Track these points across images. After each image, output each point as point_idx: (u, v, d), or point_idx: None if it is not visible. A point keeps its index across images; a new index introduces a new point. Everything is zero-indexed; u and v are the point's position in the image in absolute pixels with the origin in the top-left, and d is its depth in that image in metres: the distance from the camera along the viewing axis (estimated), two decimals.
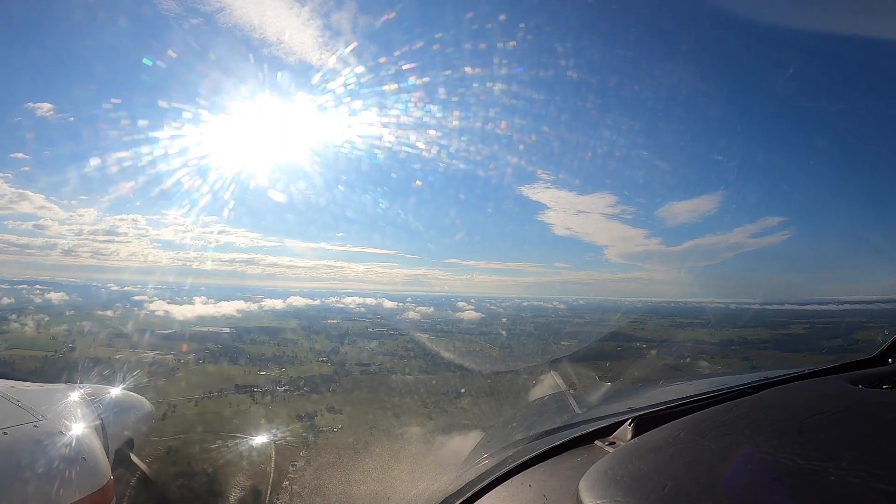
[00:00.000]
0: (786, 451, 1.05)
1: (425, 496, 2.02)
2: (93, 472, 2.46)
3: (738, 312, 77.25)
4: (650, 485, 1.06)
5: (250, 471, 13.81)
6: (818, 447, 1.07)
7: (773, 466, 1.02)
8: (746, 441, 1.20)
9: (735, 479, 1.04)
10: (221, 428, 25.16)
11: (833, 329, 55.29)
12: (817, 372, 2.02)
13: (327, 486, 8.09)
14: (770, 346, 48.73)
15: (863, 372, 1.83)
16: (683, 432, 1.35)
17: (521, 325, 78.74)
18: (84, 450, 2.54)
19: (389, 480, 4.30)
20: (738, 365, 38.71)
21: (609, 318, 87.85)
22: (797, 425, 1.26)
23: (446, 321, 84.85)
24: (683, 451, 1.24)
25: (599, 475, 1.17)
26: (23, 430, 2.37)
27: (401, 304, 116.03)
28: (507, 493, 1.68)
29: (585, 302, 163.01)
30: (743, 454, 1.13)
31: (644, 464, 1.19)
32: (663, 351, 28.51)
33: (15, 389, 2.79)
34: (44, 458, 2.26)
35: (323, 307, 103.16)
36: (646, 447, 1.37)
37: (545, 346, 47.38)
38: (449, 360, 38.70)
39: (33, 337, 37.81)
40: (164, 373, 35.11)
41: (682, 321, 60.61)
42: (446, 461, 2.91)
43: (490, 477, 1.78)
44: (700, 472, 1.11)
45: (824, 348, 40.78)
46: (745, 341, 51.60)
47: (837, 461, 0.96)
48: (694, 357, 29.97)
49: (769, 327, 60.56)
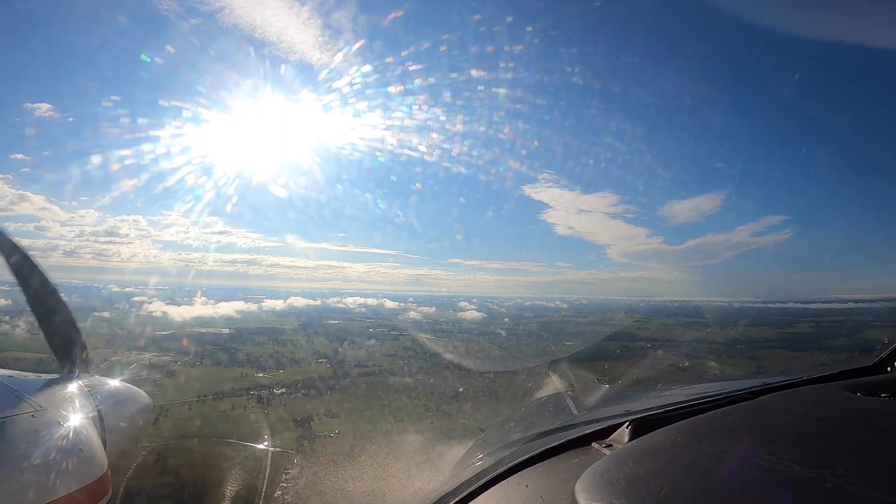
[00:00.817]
0: (783, 457, 1.06)
1: (421, 495, 2.04)
2: (89, 462, 2.53)
3: (742, 311, 77.48)
4: (646, 488, 1.07)
5: (241, 479, 13.70)
6: (816, 454, 1.08)
7: (769, 472, 1.03)
8: (743, 446, 1.21)
9: (731, 484, 1.05)
10: (214, 433, 24.79)
11: (839, 328, 55.31)
12: (816, 379, 2.04)
13: (321, 496, 8.06)
14: (776, 345, 48.76)
15: (862, 380, 1.85)
16: (681, 436, 1.37)
17: (524, 325, 78.76)
18: (81, 440, 2.60)
19: (385, 490, 4.30)
20: (745, 365, 38.52)
21: (612, 317, 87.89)
22: (795, 432, 1.27)
23: (448, 321, 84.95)
24: (680, 455, 1.25)
25: (596, 477, 1.19)
26: (20, 419, 2.43)
27: (402, 305, 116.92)
28: (503, 493, 1.69)
29: (588, 301, 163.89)
30: (740, 459, 1.14)
31: (640, 467, 1.20)
32: (668, 351, 28.45)
33: (13, 380, 2.85)
34: (41, 448, 2.32)
35: (324, 307, 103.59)
36: (643, 450, 1.38)
37: (548, 346, 47.33)
38: (450, 361, 38.67)
39: (25, 339, 37.83)
40: (160, 375, 34.99)
41: (686, 320, 60.62)
42: (445, 466, 2.92)
43: (486, 476, 1.80)
44: (696, 476, 1.12)
45: (831, 347, 40.74)
46: (750, 340, 51.63)
47: (835, 469, 0.97)
48: (700, 357, 29.99)
49: (774, 326, 60.58)
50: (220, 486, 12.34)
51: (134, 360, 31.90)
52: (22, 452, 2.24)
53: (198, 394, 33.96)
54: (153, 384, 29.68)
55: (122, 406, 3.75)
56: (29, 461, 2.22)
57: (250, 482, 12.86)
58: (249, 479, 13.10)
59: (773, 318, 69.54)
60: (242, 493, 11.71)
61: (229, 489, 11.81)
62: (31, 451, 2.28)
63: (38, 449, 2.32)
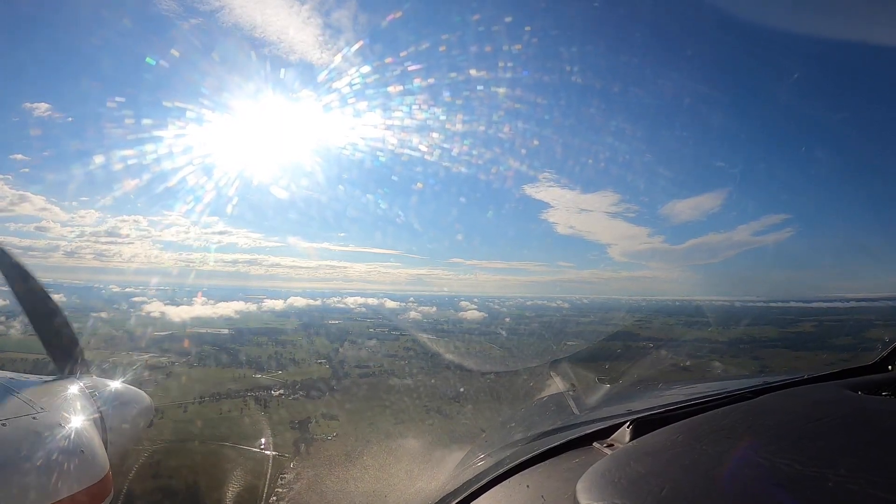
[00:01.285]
0: (784, 456, 1.07)
1: (422, 495, 2.05)
2: (91, 464, 2.56)
3: (744, 310, 77.41)
4: (647, 487, 1.08)
5: (237, 484, 13.67)
6: (816, 453, 1.09)
7: (770, 472, 1.04)
8: (744, 446, 1.22)
9: (732, 483, 1.06)
10: (212, 436, 24.56)
11: (841, 327, 55.11)
12: (816, 378, 2.05)
13: (318, 499, 8.03)
14: (780, 344, 48.59)
15: (862, 378, 1.87)
16: (682, 436, 1.38)
17: (526, 325, 78.38)
18: (83, 442, 2.63)
19: (386, 491, 4.29)
20: (749, 364, 38.34)
21: (614, 316, 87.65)
22: (796, 431, 1.28)
23: (449, 321, 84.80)
24: (681, 455, 1.26)
25: (597, 477, 1.20)
26: (22, 421, 2.45)
27: (403, 304, 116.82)
28: (504, 493, 1.71)
29: (589, 301, 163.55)
30: (741, 459, 1.15)
31: (641, 466, 1.21)
32: (670, 350, 28.40)
33: (14, 381, 2.87)
34: (42, 450, 2.35)
35: (324, 307, 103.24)
36: (643, 450, 1.39)
37: (549, 346, 47.20)
38: (450, 361, 38.60)
39: (19, 339, 37.82)
40: (158, 376, 34.89)
41: (688, 320, 60.55)
42: (446, 467, 2.92)
43: (488, 477, 1.82)
44: (697, 475, 1.13)
45: (835, 347, 40.62)
46: (753, 340, 51.47)
47: (836, 468, 0.97)
48: (703, 356, 29.88)
49: (777, 325, 60.43)
50: (217, 489, 12.29)
51: (132, 361, 31.87)
52: (23, 454, 2.26)
53: (196, 395, 33.76)
54: (152, 385, 29.63)
55: (123, 407, 3.77)
56: (30, 463, 2.23)
57: (247, 486, 12.82)
58: (246, 482, 13.07)
59: (776, 317, 69.33)
60: (239, 497, 11.68)
61: (226, 493, 11.77)
62: (32, 453, 2.30)
63: (39, 450, 2.33)
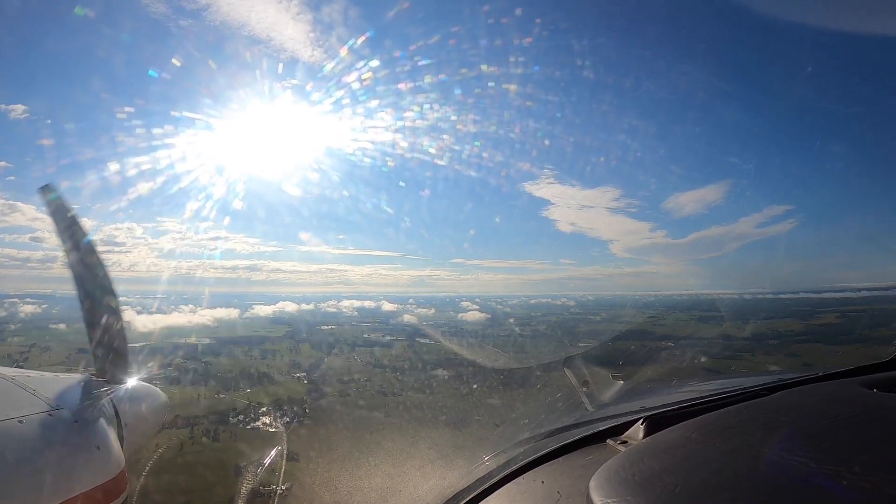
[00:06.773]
0: (798, 453, 1.14)
1: (436, 491, 2.16)
2: (107, 460, 2.73)
3: (754, 303, 77.00)
4: (660, 485, 1.15)
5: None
6: (831, 451, 1.15)
7: (784, 469, 1.10)
8: (758, 443, 1.29)
9: (746, 480, 1.13)
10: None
11: (869, 317, 54.83)
12: (831, 375, 2.12)
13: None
14: (810, 338, 47.08)
15: (878, 375, 1.92)
16: (695, 433, 1.45)
17: (532, 326, 76.54)
18: (98, 439, 2.80)
19: (398, 489, 4.13)
20: (786, 362, 37.10)
21: (623, 314, 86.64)
22: (810, 428, 1.35)
23: (449, 323, 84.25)
24: (695, 452, 1.33)
25: (610, 474, 1.27)
26: (38, 418, 2.59)
27: (401, 307, 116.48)
28: (518, 490, 1.81)
29: (594, 297, 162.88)
30: (755, 456, 1.22)
31: (655, 463, 1.28)
32: (692, 349, 28.14)
33: (31, 379, 3.01)
34: (59, 446, 2.50)
35: (317, 312, 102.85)
36: (657, 447, 1.47)
37: (562, 350, 45.72)
38: (449, 371, 37.66)
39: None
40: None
41: (702, 314, 60.29)
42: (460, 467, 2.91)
43: (501, 473, 1.92)
44: (711, 472, 1.19)
45: (872, 339, 40.15)
46: (779, 335, 50.34)
47: (850, 465, 1.03)
48: (732, 355, 29.30)
49: (798, 318, 59.52)
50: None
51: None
52: (39, 451, 2.39)
53: None
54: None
55: (139, 404, 3.97)
56: (46, 459, 2.37)
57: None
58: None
59: (792, 309, 68.70)
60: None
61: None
62: (48, 450, 2.43)
63: (54, 447, 2.47)
